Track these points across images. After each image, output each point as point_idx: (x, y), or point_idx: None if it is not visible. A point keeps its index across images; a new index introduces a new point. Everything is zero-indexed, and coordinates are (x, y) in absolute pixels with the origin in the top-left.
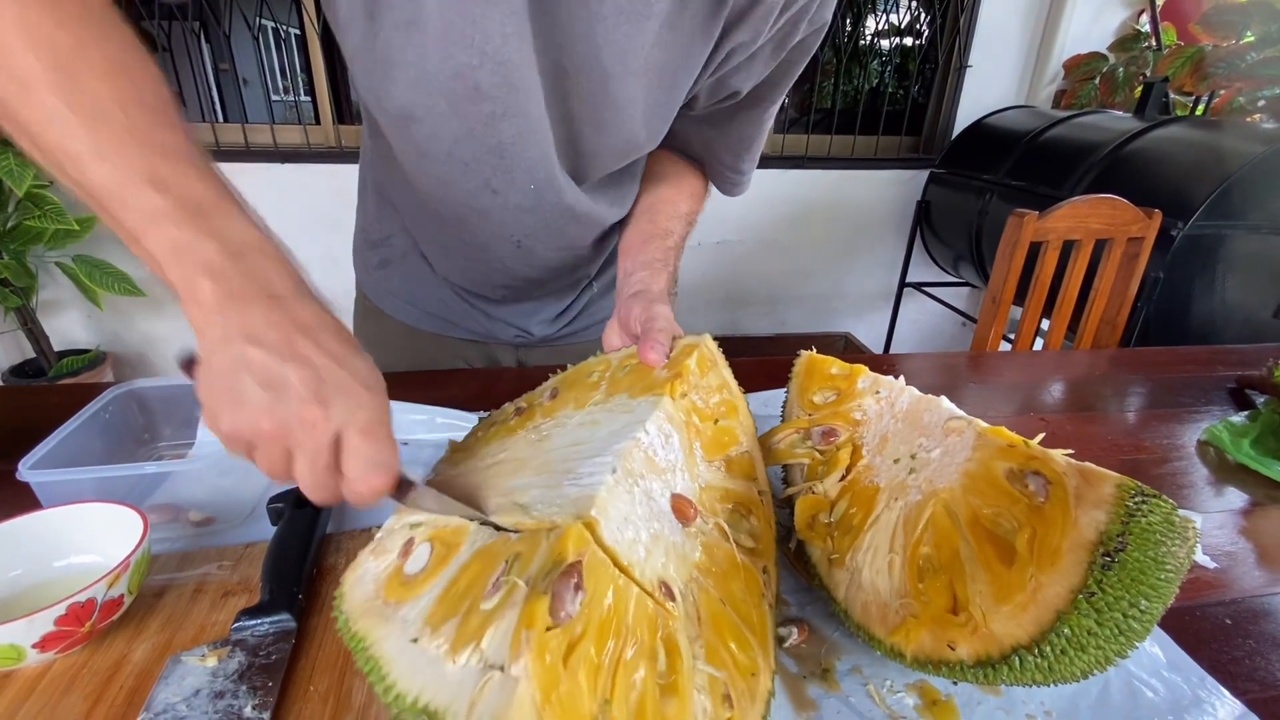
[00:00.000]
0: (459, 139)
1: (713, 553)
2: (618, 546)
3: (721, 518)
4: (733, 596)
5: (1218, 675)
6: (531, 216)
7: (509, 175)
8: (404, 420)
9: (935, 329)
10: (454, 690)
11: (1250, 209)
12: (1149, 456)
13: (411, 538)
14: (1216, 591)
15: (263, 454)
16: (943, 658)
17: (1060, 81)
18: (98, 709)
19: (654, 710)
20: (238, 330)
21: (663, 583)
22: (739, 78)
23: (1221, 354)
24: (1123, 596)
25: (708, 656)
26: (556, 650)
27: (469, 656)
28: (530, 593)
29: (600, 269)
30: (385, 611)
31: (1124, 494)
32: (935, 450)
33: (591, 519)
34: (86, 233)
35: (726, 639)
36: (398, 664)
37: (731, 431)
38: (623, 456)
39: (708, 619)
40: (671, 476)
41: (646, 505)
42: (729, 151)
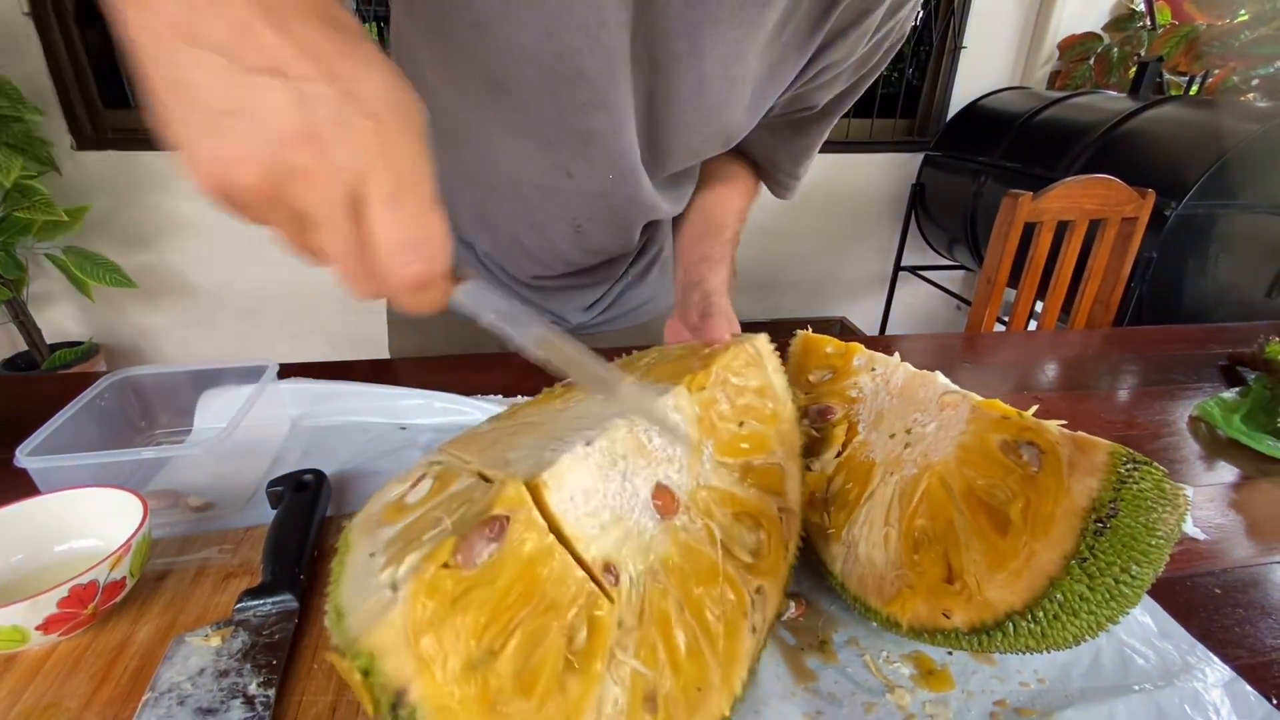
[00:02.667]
0: (548, 119)
1: (689, 553)
2: (565, 515)
3: (716, 522)
4: (694, 602)
5: (1208, 643)
6: (599, 203)
7: (589, 162)
8: (402, 405)
9: (930, 312)
10: (359, 597)
11: (1244, 188)
12: (1142, 432)
13: (425, 473)
14: (1207, 562)
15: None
16: (938, 626)
17: (1055, 62)
18: (103, 689)
19: (550, 679)
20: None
21: (609, 564)
22: (819, 93)
23: (1214, 332)
24: (1114, 562)
25: (639, 651)
26: (448, 589)
27: (387, 574)
28: (450, 533)
29: (635, 258)
30: (373, 528)
31: (1116, 461)
32: (930, 424)
33: (540, 481)
34: (76, 224)
35: (672, 641)
36: (349, 571)
37: (762, 438)
38: (606, 432)
39: (655, 615)
40: (663, 466)
41: (621, 486)
42: (788, 159)
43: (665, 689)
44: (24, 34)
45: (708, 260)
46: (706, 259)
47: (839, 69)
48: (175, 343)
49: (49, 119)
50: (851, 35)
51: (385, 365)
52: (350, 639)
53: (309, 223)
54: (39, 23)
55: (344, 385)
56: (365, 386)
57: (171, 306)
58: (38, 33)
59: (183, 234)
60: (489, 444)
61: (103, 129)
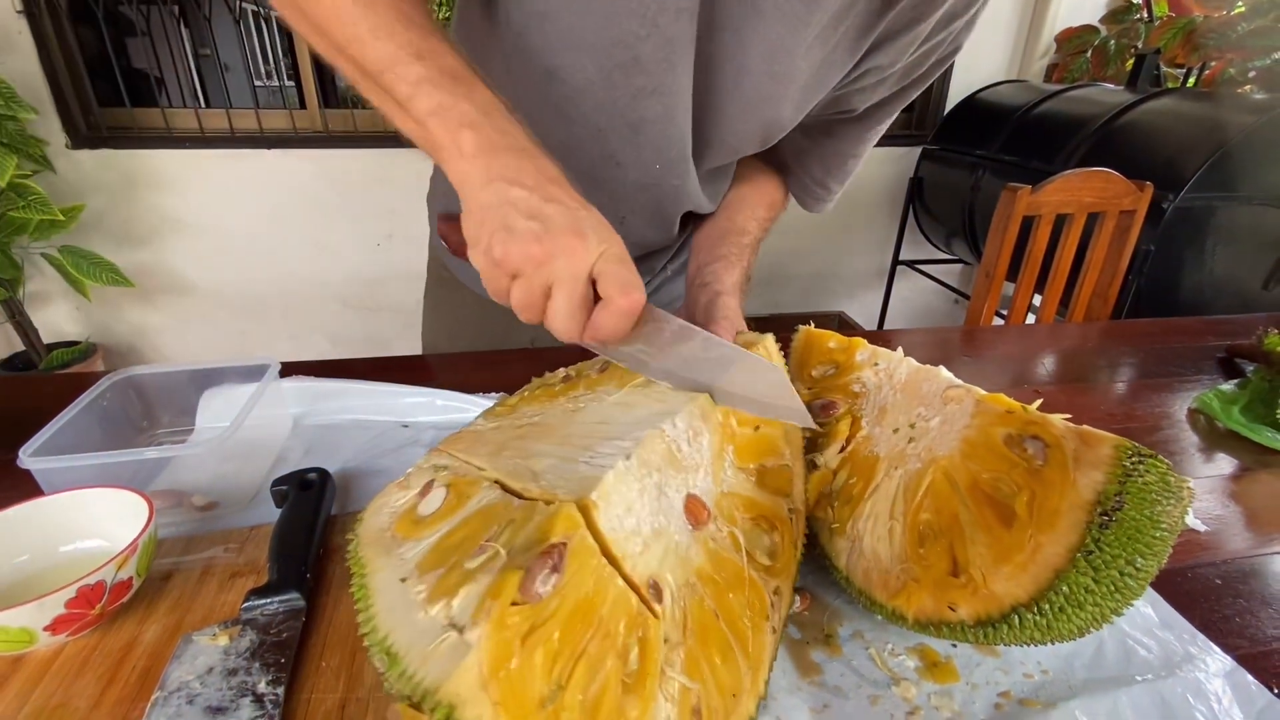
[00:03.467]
0: (600, 106)
1: (719, 562)
2: (612, 535)
3: (739, 528)
4: (728, 610)
5: (1209, 633)
6: (645, 195)
7: (638, 152)
8: (404, 403)
9: (928, 306)
10: (415, 638)
11: (1241, 180)
12: (1141, 425)
13: (433, 479)
14: (1207, 553)
15: (523, 284)
16: (943, 619)
17: (1052, 55)
18: (111, 689)
19: (611, 706)
20: (499, 174)
21: (653, 581)
22: (861, 97)
23: (1212, 324)
24: (1119, 554)
25: (685, 665)
26: (516, 627)
27: (439, 610)
28: (506, 564)
29: (675, 255)
30: (389, 545)
31: (1121, 454)
32: (934, 419)
33: (589, 502)
34: (72, 223)
35: (711, 652)
36: (381, 598)
37: (773, 441)
38: (642, 445)
39: (695, 628)
40: (692, 475)
41: (657, 499)
42: (820, 165)
43: (708, 698)
44: (16, 31)
45: (722, 260)
46: (721, 258)
47: (884, 73)
48: (173, 342)
49: (43, 117)
50: (901, 40)
51: (386, 363)
52: (423, 689)
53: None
54: (32, 20)
55: (346, 383)
56: (367, 384)
57: (169, 306)
58: (31, 30)
59: (180, 233)
60: (497, 448)
61: (97, 127)
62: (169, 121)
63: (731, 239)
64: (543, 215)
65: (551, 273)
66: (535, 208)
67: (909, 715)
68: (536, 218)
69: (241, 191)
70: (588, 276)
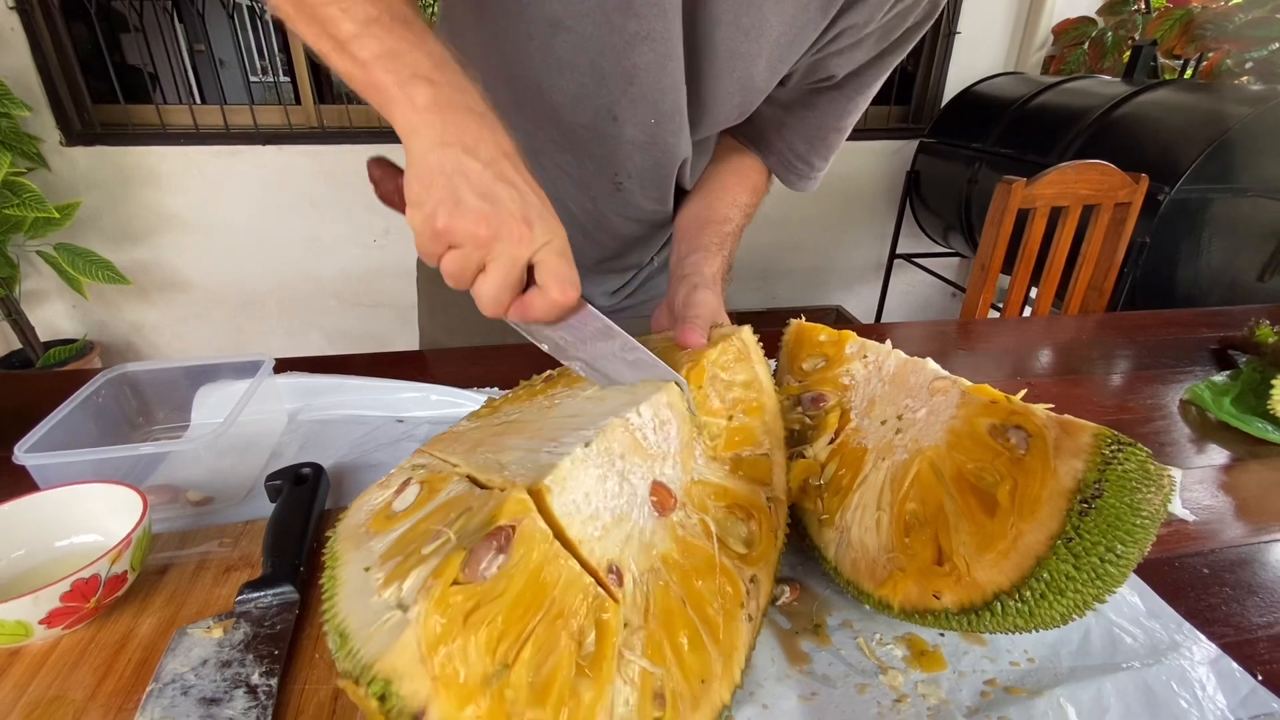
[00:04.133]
0: (601, 53)
1: (687, 549)
2: (568, 520)
3: (710, 516)
4: (696, 596)
5: (1195, 621)
6: (641, 155)
7: (633, 104)
8: (399, 398)
9: (925, 300)
10: (365, 619)
11: (1236, 172)
12: (1133, 416)
13: (410, 478)
14: (1195, 543)
15: (459, 256)
16: (929, 607)
17: (1049, 47)
18: (106, 681)
19: (563, 686)
20: (456, 138)
21: (614, 566)
22: (839, 61)
23: (1205, 316)
24: (1099, 541)
25: (646, 650)
26: (459, 606)
27: (390, 593)
28: (455, 546)
29: (663, 245)
30: (362, 539)
31: (1101, 443)
32: (921, 410)
33: (542, 487)
34: (67, 220)
35: (677, 637)
36: (345, 586)
37: (749, 431)
38: (603, 433)
39: (658, 612)
40: (659, 464)
41: (619, 486)
42: (802, 139)
43: (672, 683)
44: (9, 28)
45: (702, 250)
46: (701, 249)
47: (860, 33)
48: (170, 339)
49: (37, 114)
50: None
51: (381, 359)
52: (362, 664)
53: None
54: (24, 16)
55: (340, 379)
56: (362, 380)
57: (166, 303)
58: (23, 27)
59: (176, 230)
60: (474, 445)
61: (91, 124)
62: (164, 118)
63: (712, 228)
64: (493, 195)
65: (491, 253)
66: (487, 185)
67: (896, 703)
68: (487, 197)
69: (237, 188)
70: (526, 263)
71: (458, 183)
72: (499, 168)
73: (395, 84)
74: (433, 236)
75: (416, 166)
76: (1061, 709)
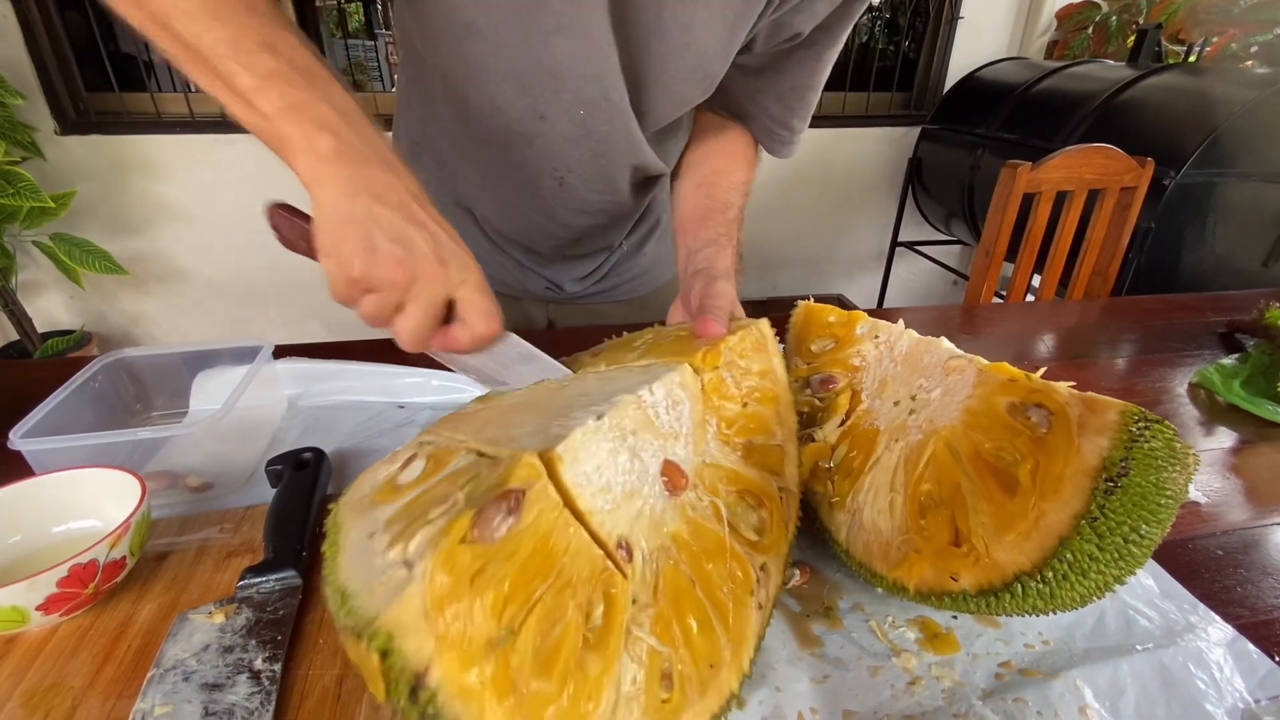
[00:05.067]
0: (517, 54)
1: (698, 530)
2: (579, 490)
3: (721, 499)
4: (706, 579)
5: (1210, 603)
6: (577, 149)
7: (558, 97)
8: (400, 384)
9: (928, 288)
10: (367, 576)
11: (1242, 156)
12: (1141, 399)
13: (416, 453)
14: (1208, 525)
15: (376, 300)
16: (945, 589)
17: (1053, 32)
18: (106, 667)
19: (569, 657)
20: (364, 187)
21: (623, 540)
22: (800, 17)
23: (1212, 300)
24: (1124, 521)
25: (654, 628)
26: (466, 565)
27: (396, 553)
28: (463, 507)
29: (633, 228)
30: (366, 509)
31: (1127, 420)
32: (935, 390)
33: (554, 455)
34: (63, 210)
35: (686, 618)
36: (346, 551)
37: (763, 420)
38: (615, 408)
39: (668, 591)
40: (670, 443)
41: (630, 462)
42: (778, 102)
43: (680, 665)
44: (2, 15)
45: (713, 245)
46: (711, 243)
47: None
48: (168, 329)
49: (31, 103)
50: None
51: (381, 345)
52: (365, 618)
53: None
54: (17, 4)
55: (340, 365)
56: (362, 365)
57: (164, 293)
58: (16, 14)
59: (172, 219)
60: (482, 424)
61: (86, 112)
62: (159, 106)
63: (716, 218)
64: (406, 239)
65: (409, 295)
66: (399, 230)
67: (910, 685)
68: (400, 241)
69: (234, 176)
70: (445, 300)
71: (370, 230)
72: (409, 211)
73: (300, 136)
74: (349, 283)
75: (326, 216)
76: (1078, 690)
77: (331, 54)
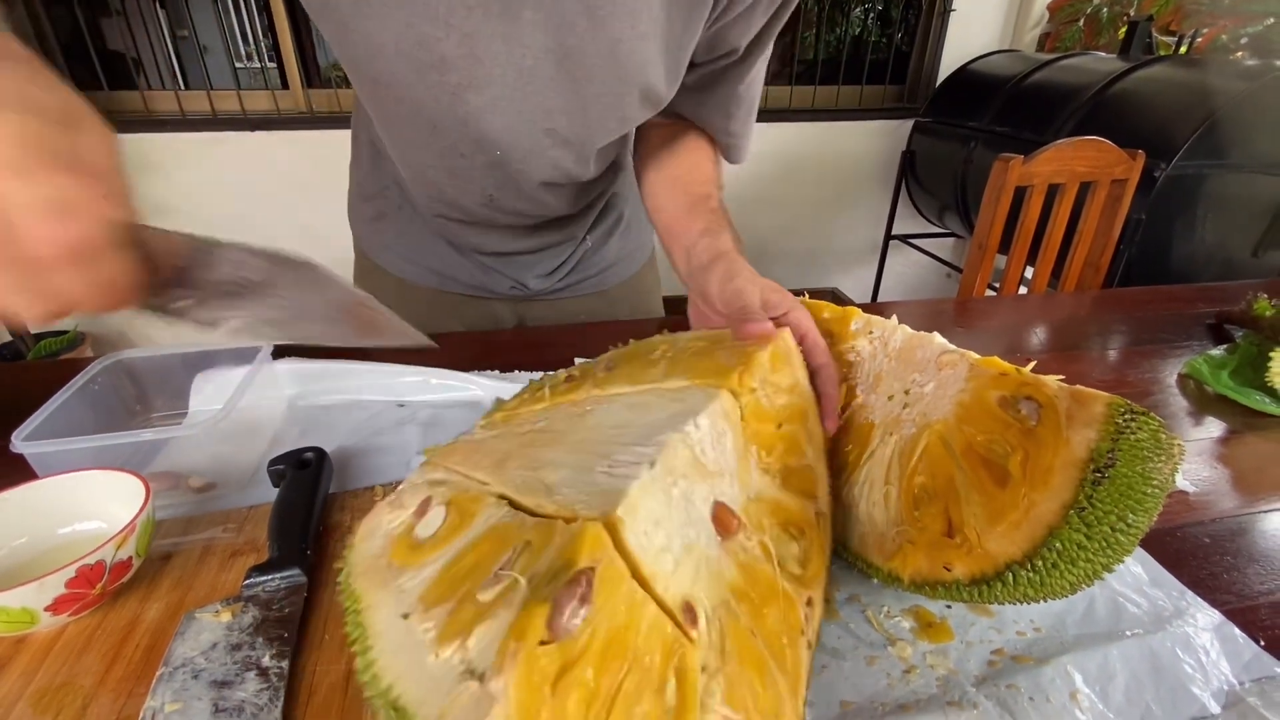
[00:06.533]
0: (425, 105)
1: (751, 574)
2: (642, 553)
3: (768, 535)
4: (766, 628)
5: (1197, 589)
6: (499, 173)
7: (475, 141)
8: (399, 382)
9: (921, 281)
10: (428, 690)
11: (1232, 148)
12: (1131, 391)
13: (430, 497)
14: (1196, 513)
15: None
16: (939, 579)
17: (1044, 24)
18: (115, 667)
19: None
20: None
21: (688, 603)
22: (736, 31)
23: (1202, 291)
24: (1111, 510)
25: (725, 694)
26: (546, 670)
27: (453, 653)
28: (530, 596)
29: (595, 223)
30: (386, 575)
31: (1114, 412)
32: (929, 384)
33: (616, 518)
34: None
35: (751, 676)
36: (383, 639)
37: (795, 440)
38: (665, 450)
39: (734, 651)
40: (718, 482)
41: (684, 510)
42: (720, 113)
43: None
44: None
45: (707, 233)
46: (706, 232)
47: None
48: (163, 329)
49: None
50: None
51: None
52: None
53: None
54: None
55: (340, 364)
56: (361, 365)
57: None
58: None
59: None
60: (501, 457)
61: None
62: (148, 104)
63: (699, 209)
64: None
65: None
66: None
67: (906, 674)
68: None
69: (225, 174)
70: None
71: None
72: None
73: None
74: None
75: None
76: (1069, 676)
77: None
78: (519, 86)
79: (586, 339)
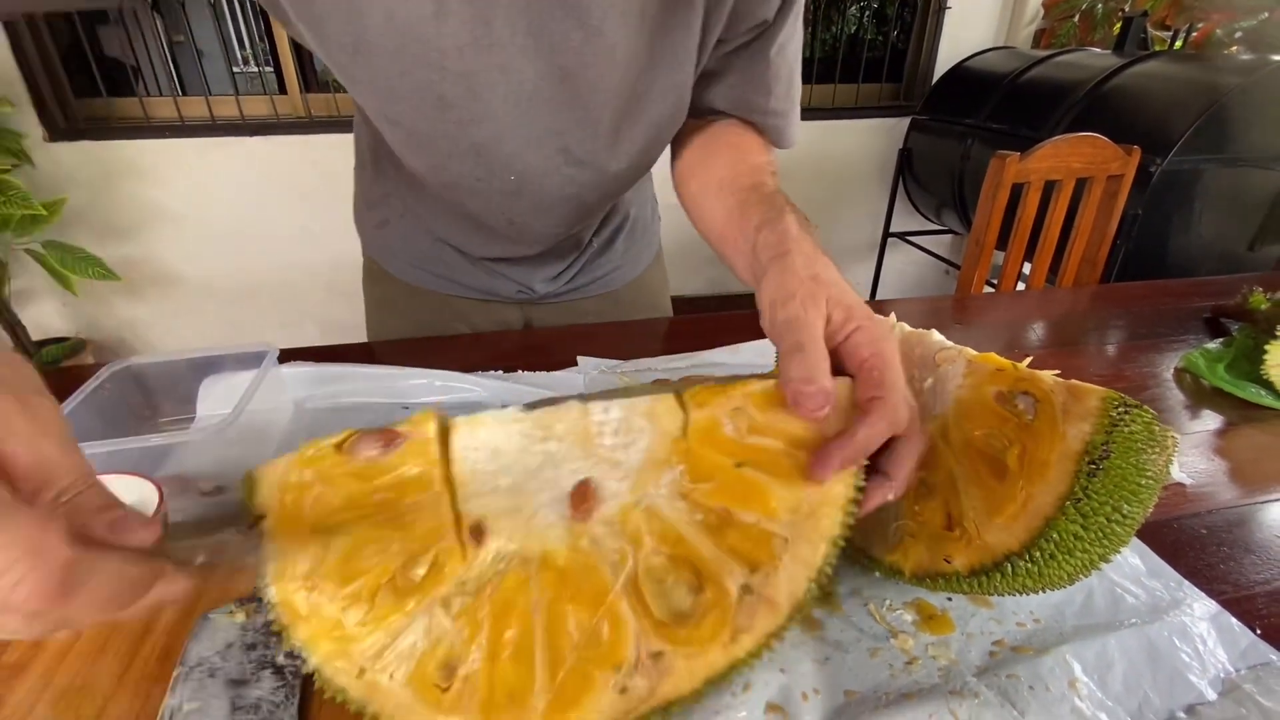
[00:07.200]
0: (435, 138)
1: (582, 567)
2: (461, 464)
3: (640, 554)
4: (554, 618)
5: (1194, 580)
6: (518, 200)
7: (489, 168)
8: (404, 385)
9: (920, 278)
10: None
11: (1227, 142)
12: (1128, 385)
13: None
14: (1193, 505)
15: None
16: (939, 571)
17: (1039, 21)
18: (132, 668)
19: (369, 584)
20: None
21: (481, 524)
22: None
23: (1198, 285)
24: (1106, 502)
25: (460, 615)
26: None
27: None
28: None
29: (599, 227)
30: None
31: (1108, 405)
32: (927, 381)
33: (451, 421)
34: (55, 217)
35: (502, 633)
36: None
37: (761, 493)
38: (556, 408)
39: (499, 597)
40: (603, 468)
41: (541, 466)
42: (760, 91)
43: (470, 670)
44: None
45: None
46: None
47: None
48: (163, 334)
49: (18, 110)
50: None
51: (383, 348)
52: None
53: None
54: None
55: (345, 368)
56: (366, 368)
57: (158, 298)
58: (2, 22)
59: (164, 224)
60: None
61: (74, 119)
62: (147, 111)
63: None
64: None
65: None
66: None
67: (907, 665)
68: None
69: (225, 179)
70: None
71: None
72: None
73: None
74: None
75: None
76: (1068, 665)
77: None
78: (524, 113)
79: (594, 339)
